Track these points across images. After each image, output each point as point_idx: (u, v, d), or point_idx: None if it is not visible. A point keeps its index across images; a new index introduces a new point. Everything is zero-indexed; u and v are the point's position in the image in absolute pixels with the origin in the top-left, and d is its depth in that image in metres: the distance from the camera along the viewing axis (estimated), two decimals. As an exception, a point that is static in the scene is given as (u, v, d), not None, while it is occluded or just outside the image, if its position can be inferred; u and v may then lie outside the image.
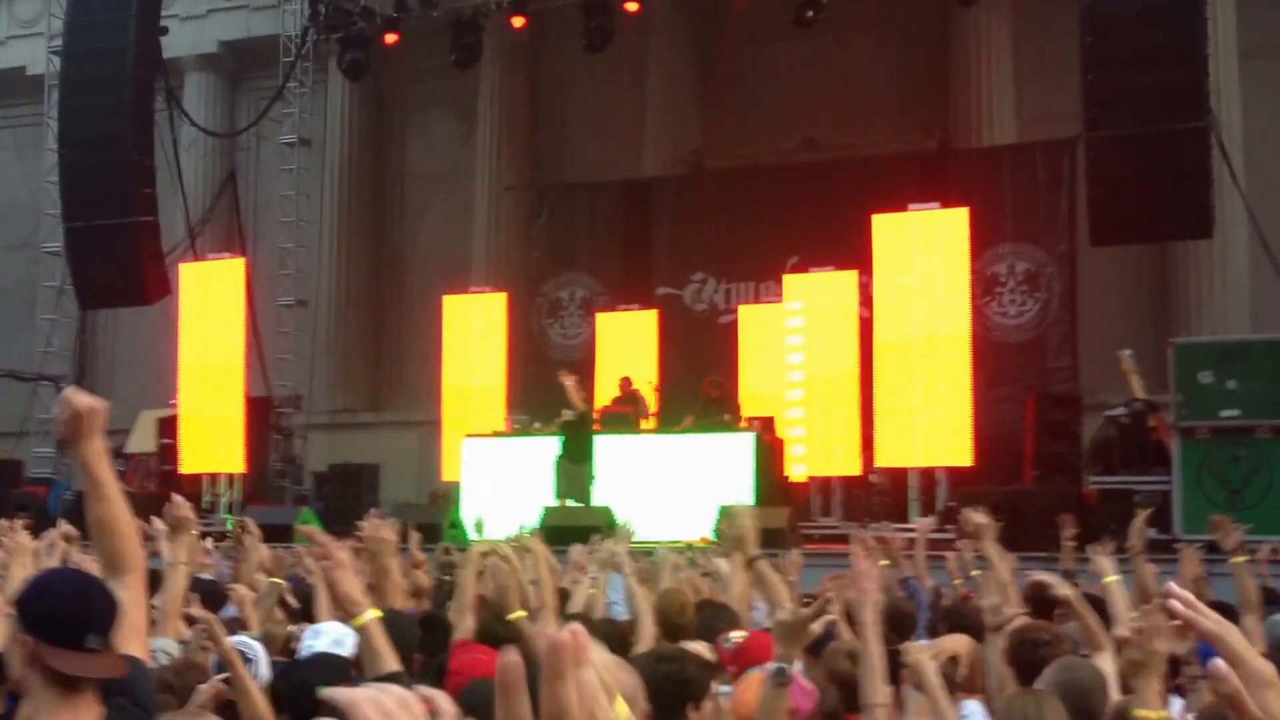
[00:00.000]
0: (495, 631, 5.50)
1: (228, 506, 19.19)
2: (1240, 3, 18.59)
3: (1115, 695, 4.84)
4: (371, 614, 3.41)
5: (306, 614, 7.06)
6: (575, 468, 16.64)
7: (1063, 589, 5.98)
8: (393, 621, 4.81)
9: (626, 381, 17.35)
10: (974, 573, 8.33)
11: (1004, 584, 6.56)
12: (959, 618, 6.60)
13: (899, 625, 6.09)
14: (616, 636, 5.74)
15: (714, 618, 5.83)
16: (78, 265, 20.29)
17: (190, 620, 5.63)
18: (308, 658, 4.86)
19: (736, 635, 5.20)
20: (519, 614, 5.63)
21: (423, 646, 5.54)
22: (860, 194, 18.12)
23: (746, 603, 7.11)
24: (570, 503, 16.32)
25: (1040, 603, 7.64)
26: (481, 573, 7.32)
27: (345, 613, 3.46)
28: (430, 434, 20.48)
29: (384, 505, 18.78)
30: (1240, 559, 8.24)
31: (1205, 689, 4.47)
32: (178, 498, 6.16)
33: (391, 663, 3.38)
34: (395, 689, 1.75)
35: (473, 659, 4.86)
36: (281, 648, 5.73)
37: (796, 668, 4.18)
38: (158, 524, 6.60)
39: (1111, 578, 6.74)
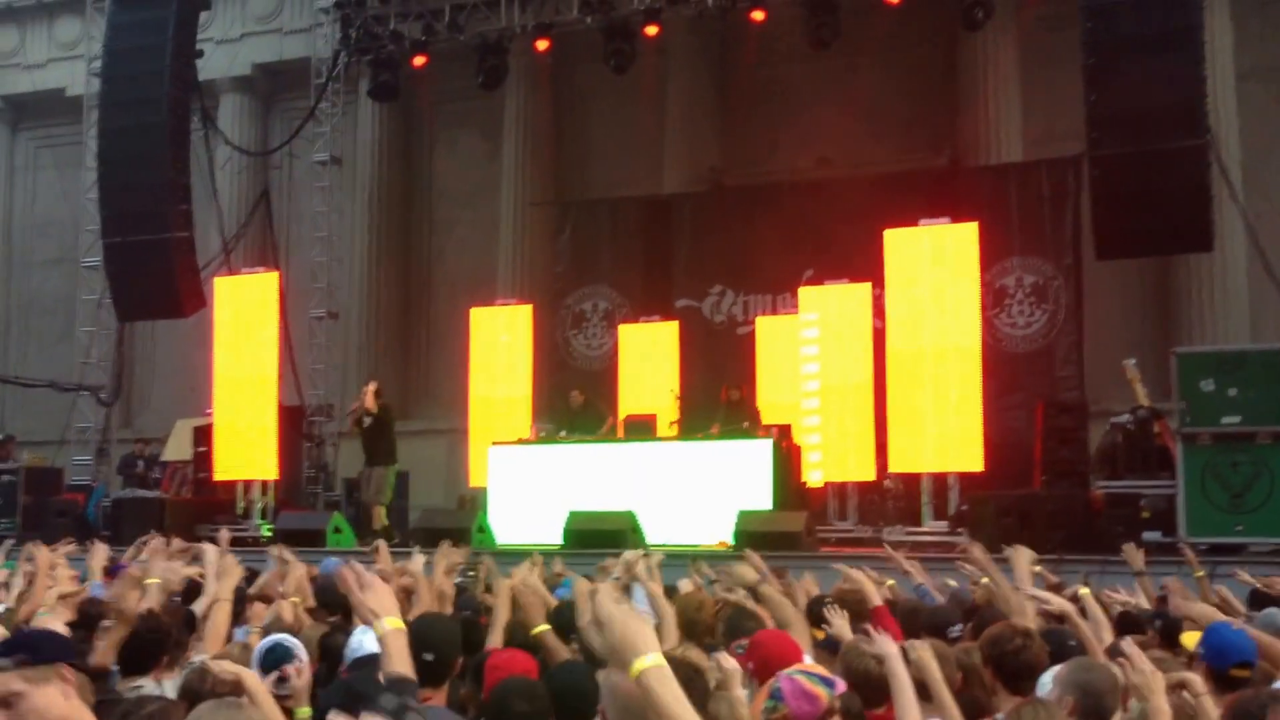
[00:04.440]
0: (521, 642, 5.84)
1: (261, 513, 19.26)
2: (1237, 27, 19.03)
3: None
4: (390, 624, 3.52)
5: (345, 613, 7.32)
6: (374, 470, 17.49)
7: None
8: (437, 625, 5.15)
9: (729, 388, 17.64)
10: (983, 579, 8.84)
11: (1020, 594, 6.81)
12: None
13: (907, 622, 6.37)
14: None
15: (740, 622, 6.02)
16: (116, 279, 20.45)
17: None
18: (362, 659, 5.12)
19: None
20: (542, 628, 5.98)
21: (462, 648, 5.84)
22: (873, 210, 18.32)
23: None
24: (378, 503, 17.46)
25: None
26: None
27: (364, 622, 3.62)
28: (458, 441, 20.77)
29: (413, 511, 19.31)
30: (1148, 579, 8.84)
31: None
32: (225, 536, 6.63)
33: (403, 669, 3.49)
34: None
35: (510, 657, 5.14)
36: (316, 650, 5.95)
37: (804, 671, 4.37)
38: (224, 535, 7.20)
39: (1084, 590, 7.28)
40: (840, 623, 5.74)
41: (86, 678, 3.63)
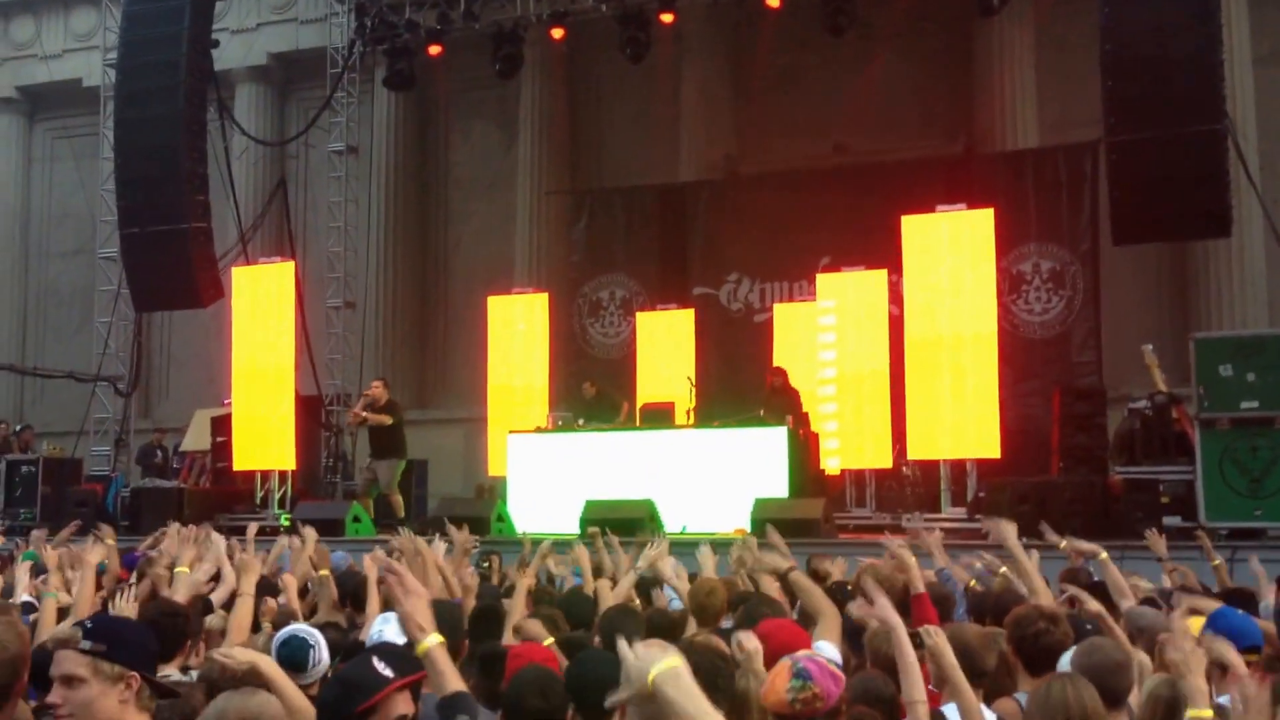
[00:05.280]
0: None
1: (280, 502, 19.33)
2: (1254, 12, 18.95)
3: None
4: (434, 639, 3.50)
5: (357, 604, 7.53)
6: (383, 463, 17.74)
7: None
8: (441, 611, 5.19)
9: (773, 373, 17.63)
10: (1001, 569, 8.84)
11: (1030, 576, 6.92)
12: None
13: (940, 608, 6.36)
14: (666, 625, 6.20)
15: (758, 609, 5.99)
16: (133, 270, 20.36)
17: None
18: (375, 645, 5.07)
19: None
20: (548, 641, 5.87)
21: (473, 634, 5.93)
22: (889, 196, 18.35)
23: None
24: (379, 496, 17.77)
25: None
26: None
27: (410, 637, 3.58)
28: (476, 430, 20.82)
29: (432, 499, 19.39)
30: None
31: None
32: (253, 530, 6.68)
33: (455, 683, 3.47)
34: None
35: (531, 647, 5.17)
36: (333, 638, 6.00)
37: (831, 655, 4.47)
38: (252, 530, 7.27)
39: (1103, 555, 7.27)
40: (882, 600, 5.73)
41: (150, 690, 3.66)
